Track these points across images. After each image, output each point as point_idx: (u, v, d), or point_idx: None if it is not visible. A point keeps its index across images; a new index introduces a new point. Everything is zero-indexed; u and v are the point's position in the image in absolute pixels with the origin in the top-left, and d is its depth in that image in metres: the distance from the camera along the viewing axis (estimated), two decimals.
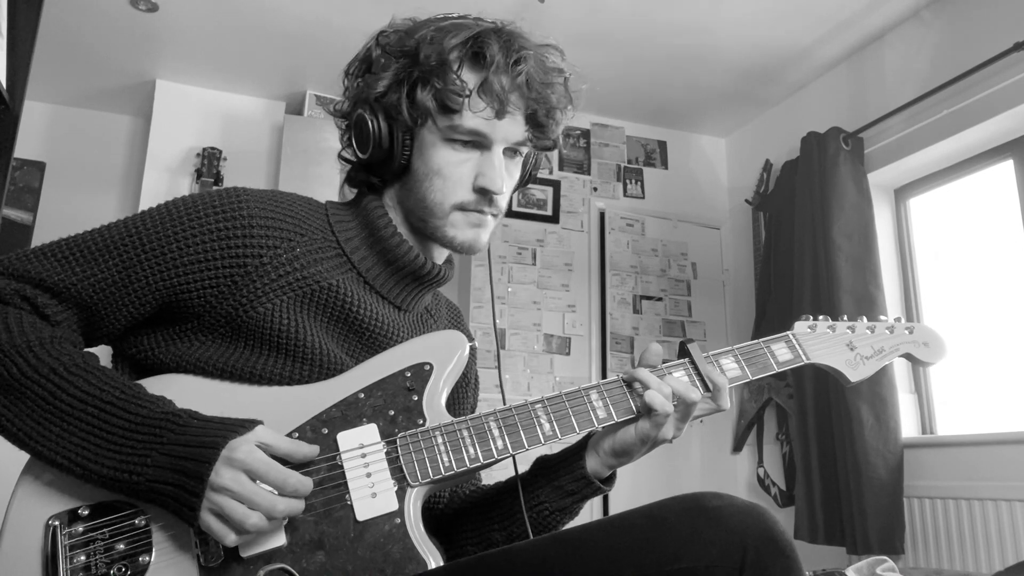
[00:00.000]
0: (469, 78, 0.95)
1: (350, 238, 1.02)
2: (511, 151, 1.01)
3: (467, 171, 0.98)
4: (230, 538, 0.81)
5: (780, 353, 1.05)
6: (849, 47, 3.25)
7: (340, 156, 1.08)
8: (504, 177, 1.00)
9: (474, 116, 0.95)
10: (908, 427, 2.90)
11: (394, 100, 0.96)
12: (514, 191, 1.08)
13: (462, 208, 0.99)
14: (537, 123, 1.01)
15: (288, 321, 0.94)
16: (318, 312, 0.97)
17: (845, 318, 1.11)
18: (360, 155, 1.00)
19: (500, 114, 0.96)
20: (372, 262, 1.02)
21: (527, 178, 1.10)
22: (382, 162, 1.00)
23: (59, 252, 0.93)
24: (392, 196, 1.04)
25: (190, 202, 0.95)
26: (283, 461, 0.85)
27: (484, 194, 0.98)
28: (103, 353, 0.95)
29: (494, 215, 1.02)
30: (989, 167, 2.88)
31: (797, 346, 1.06)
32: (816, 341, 1.07)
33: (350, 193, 1.10)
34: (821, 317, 1.10)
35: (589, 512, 3.24)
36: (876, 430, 2.75)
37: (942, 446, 2.75)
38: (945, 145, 2.87)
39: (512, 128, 0.98)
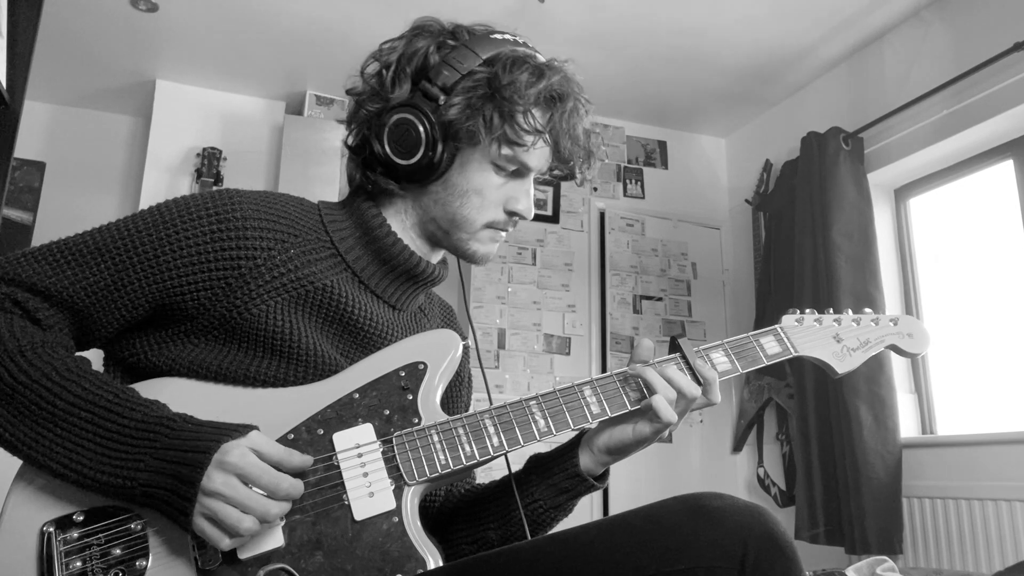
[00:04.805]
0: (539, 117, 0.99)
1: (344, 238, 1.01)
2: None
3: (502, 194, 1.02)
4: (224, 542, 0.81)
5: (769, 346, 1.06)
6: (849, 47, 3.25)
7: (348, 145, 1.05)
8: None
9: (535, 152, 1.00)
10: (907, 427, 2.90)
11: (466, 124, 0.96)
12: None
13: (491, 226, 1.03)
14: (575, 163, 1.06)
15: (282, 322, 0.94)
16: (313, 313, 0.97)
17: (831, 311, 1.12)
18: (396, 158, 0.98)
19: (556, 156, 1.03)
20: (367, 261, 1.02)
21: None
22: (416, 169, 0.99)
23: (51, 255, 0.92)
24: (408, 200, 1.03)
25: (183, 204, 0.94)
26: (275, 466, 0.85)
27: (512, 216, 1.03)
28: (94, 357, 0.94)
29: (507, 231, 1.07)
30: (989, 167, 2.87)
31: (785, 339, 1.07)
32: (804, 334, 1.08)
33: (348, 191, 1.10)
34: (808, 310, 1.11)
35: (590, 511, 3.24)
36: (875, 430, 2.75)
37: (941, 446, 2.75)
38: (945, 145, 2.87)
39: (547, 162, 1.05)
